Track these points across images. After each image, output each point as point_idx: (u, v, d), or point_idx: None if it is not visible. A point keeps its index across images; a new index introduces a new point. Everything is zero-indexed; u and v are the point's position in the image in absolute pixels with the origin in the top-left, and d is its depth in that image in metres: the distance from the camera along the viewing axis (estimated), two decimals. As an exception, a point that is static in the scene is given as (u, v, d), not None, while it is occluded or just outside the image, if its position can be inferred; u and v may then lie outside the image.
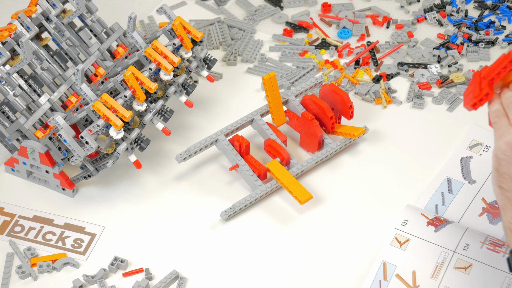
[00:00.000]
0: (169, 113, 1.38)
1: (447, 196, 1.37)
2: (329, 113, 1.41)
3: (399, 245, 1.25)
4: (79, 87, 1.30)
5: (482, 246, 1.23)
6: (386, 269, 1.23)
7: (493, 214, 1.33)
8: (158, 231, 1.33)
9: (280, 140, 1.41)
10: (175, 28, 1.38)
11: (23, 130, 1.35)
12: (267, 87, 1.40)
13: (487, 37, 1.67)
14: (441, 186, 1.38)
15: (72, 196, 1.37)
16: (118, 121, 1.26)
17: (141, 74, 1.31)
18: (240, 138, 1.38)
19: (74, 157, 1.28)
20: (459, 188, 1.38)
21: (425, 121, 1.51)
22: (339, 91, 1.43)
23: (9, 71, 1.35)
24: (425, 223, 1.27)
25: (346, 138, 1.43)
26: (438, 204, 1.35)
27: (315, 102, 1.43)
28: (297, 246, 1.31)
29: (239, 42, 1.66)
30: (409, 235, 1.26)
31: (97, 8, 1.48)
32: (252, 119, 1.43)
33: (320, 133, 1.41)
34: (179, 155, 1.36)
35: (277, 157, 1.39)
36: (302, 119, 1.42)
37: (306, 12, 1.74)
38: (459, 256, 1.23)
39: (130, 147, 1.32)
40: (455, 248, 1.24)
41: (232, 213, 1.33)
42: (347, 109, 1.43)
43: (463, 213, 1.34)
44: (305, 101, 1.45)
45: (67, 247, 1.30)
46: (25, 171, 1.38)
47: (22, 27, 1.42)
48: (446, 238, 1.25)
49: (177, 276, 1.26)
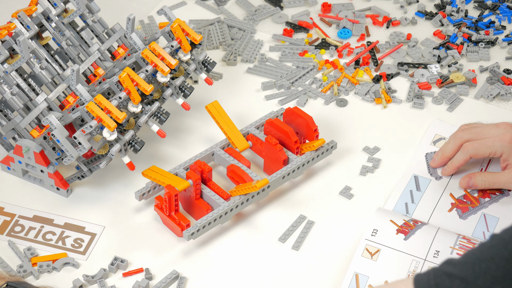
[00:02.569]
0: (164, 115, 1.38)
1: (416, 193, 1.37)
2: (293, 138, 1.37)
3: (370, 256, 1.24)
4: (75, 87, 1.30)
5: (452, 251, 1.23)
6: (358, 281, 1.22)
7: (462, 209, 1.34)
8: (158, 231, 1.33)
9: (243, 165, 1.37)
10: (173, 30, 1.38)
11: (18, 129, 1.35)
12: (213, 115, 1.38)
13: (487, 37, 1.67)
14: (409, 184, 1.38)
15: (66, 196, 1.37)
16: (111, 122, 1.26)
17: (136, 75, 1.30)
18: (202, 164, 1.33)
19: (67, 157, 1.29)
20: (426, 185, 1.38)
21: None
22: (303, 114, 1.39)
23: (7, 70, 1.35)
24: (395, 231, 1.26)
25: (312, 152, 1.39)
26: (407, 203, 1.35)
27: (278, 127, 1.39)
28: (273, 256, 1.30)
29: (239, 42, 1.66)
30: (379, 245, 1.25)
31: (99, 9, 1.49)
32: (212, 152, 1.39)
33: (285, 157, 1.36)
34: (137, 192, 1.33)
35: (240, 183, 1.34)
36: (266, 143, 1.38)
37: (306, 12, 1.74)
38: (430, 264, 1.22)
39: (123, 149, 1.32)
40: (425, 256, 1.23)
41: (195, 231, 1.28)
42: (311, 133, 1.39)
43: (433, 210, 1.34)
44: (268, 126, 1.41)
45: (67, 247, 1.30)
46: (21, 170, 1.39)
47: (21, 26, 1.42)
48: (416, 246, 1.24)
49: (177, 276, 1.26)
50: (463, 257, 0.99)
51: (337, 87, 1.56)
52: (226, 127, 1.40)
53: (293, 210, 1.36)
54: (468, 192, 1.36)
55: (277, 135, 1.40)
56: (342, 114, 1.52)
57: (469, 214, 1.33)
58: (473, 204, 1.34)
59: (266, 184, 1.29)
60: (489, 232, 1.30)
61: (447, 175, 1.38)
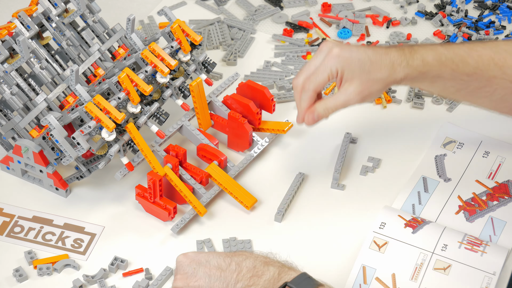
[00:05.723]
0: (164, 116, 1.38)
1: (423, 195, 1.37)
2: (254, 109, 1.41)
3: (378, 248, 1.25)
4: (74, 87, 1.30)
5: (460, 246, 1.24)
6: (365, 273, 1.23)
7: (469, 211, 1.34)
8: (158, 231, 1.33)
9: (212, 143, 1.40)
10: (173, 31, 1.38)
11: (17, 129, 1.35)
12: (194, 93, 1.39)
13: (487, 37, 1.67)
14: (417, 185, 1.38)
15: (65, 196, 1.37)
16: (110, 122, 1.26)
17: (136, 76, 1.30)
18: (176, 147, 1.36)
19: (66, 157, 1.29)
20: (434, 187, 1.38)
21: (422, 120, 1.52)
22: (259, 86, 1.43)
23: (7, 70, 1.35)
24: (403, 225, 1.27)
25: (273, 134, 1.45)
26: (415, 204, 1.35)
27: (238, 101, 1.43)
28: (277, 250, 1.30)
29: (239, 42, 1.66)
30: (387, 237, 1.26)
31: (99, 9, 1.49)
32: (181, 125, 1.42)
33: (250, 130, 1.41)
34: (119, 173, 1.34)
35: (214, 160, 1.38)
36: (229, 119, 1.42)
37: (306, 12, 1.74)
38: (437, 257, 1.23)
39: (122, 149, 1.32)
40: (433, 249, 1.24)
41: (183, 225, 1.31)
42: (269, 103, 1.43)
43: (440, 211, 1.34)
44: (227, 101, 1.44)
45: (67, 247, 1.30)
46: (20, 170, 1.39)
47: (22, 26, 1.42)
48: (424, 240, 1.25)
49: (172, 272, 1.26)
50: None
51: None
52: (200, 105, 1.41)
53: (293, 208, 1.37)
54: (476, 195, 1.36)
55: (238, 110, 1.43)
56: (342, 114, 1.52)
57: (477, 217, 1.33)
58: (481, 207, 1.34)
59: (255, 202, 1.34)
60: (495, 235, 1.30)
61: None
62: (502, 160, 1.42)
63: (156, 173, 1.31)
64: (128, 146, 1.34)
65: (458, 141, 1.45)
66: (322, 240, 1.32)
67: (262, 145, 1.43)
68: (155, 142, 1.38)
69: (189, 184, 1.35)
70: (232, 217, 1.35)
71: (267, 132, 1.45)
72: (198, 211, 1.31)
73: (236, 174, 1.39)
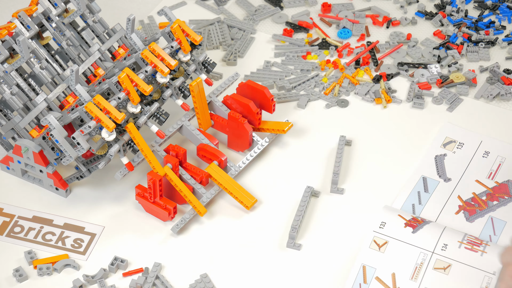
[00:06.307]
0: (164, 115, 1.38)
1: (423, 195, 1.37)
2: (254, 109, 1.41)
3: (378, 247, 1.25)
4: (74, 87, 1.30)
5: (460, 245, 1.24)
6: (365, 272, 1.23)
7: (469, 211, 1.34)
8: (158, 231, 1.33)
9: (212, 143, 1.40)
10: (173, 31, 1.38)
11: (17, 129, 1.35)
12: (194, 93, 1.39)
13: (487, 37, 1.67)
14: (417, 185, 1.38)
15: (65, 196, 1.37)
16: (110, 122, 1.26)
17: (136, 76, 1.30)
18: (176, 147, 1.36)
19: (66, 157, 1.29)
20: (434, 187, 1.38)
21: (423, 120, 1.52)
22: (259, 86, 1.43)
23: (7, 70, 1.35)
24: (403, 225, 1.27)
25: (273, 134, 1.45)
26: (414, 204, 1.35)
27: (238, 101, 1.43)
28: (276, 249, 1.31)
29: (239, 42, 1.66)
30: (387, 237, 1.26)
31: (99, 9, 1.49)
32: (181, 125, 1.42)
33: (250, 130, 1.41)
34: (119, 173, 1.34)
35: (214, 160, 1.38)
36: (230, 119, 1.42)
37: (306, 12, 1.74)
38: (437, 256, 1.23)
39: (122, 149, 1.32)
40: (433, 248, 1.24)
41: (183, 225, 1.32)
42: (269, 103, 1.43)
43: (440, 211, 1.34)
44: (227, 101, 1.44)
45: (67, 247, 1.30)
46: (20, 170, 1.39)
47: (22, 26, 1.42)
48: (424, 239, 1.25)
49: (160, 267, 1.26)
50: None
51: (339, 88, 1.56)
52: (200, 105, 1.41)
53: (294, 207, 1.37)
54: (476, 195, 1.36)
55: (238, 110, 1.43)
56: (342, 114, 1.52)
57: (477, 217, 1.33)
58: (481, 207, 1.34)
59: (255, 202, 1.34)
60: (495, 235, 1.30)
61: None
62: (502, 160, 1.42)
63: (156, 173, 1.31)
64: (128, 146, 1.34)
65: (458, 141, 1.45)
66: (322, 239, 1.32)
67: (262, 145, 1.43)
68: (155, 142, 1.38)
69: (189, 184, 1.35)
70: (232, 217, 1.35)
71: (267, 132, 1.45)
72: (198, 211, 1.31)
73: (236, 174, 1.39)
